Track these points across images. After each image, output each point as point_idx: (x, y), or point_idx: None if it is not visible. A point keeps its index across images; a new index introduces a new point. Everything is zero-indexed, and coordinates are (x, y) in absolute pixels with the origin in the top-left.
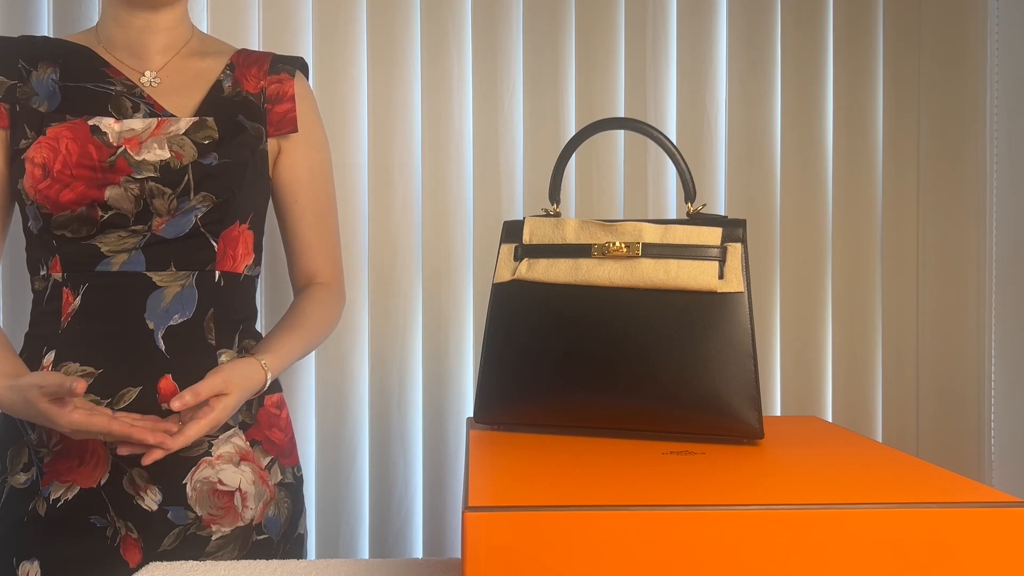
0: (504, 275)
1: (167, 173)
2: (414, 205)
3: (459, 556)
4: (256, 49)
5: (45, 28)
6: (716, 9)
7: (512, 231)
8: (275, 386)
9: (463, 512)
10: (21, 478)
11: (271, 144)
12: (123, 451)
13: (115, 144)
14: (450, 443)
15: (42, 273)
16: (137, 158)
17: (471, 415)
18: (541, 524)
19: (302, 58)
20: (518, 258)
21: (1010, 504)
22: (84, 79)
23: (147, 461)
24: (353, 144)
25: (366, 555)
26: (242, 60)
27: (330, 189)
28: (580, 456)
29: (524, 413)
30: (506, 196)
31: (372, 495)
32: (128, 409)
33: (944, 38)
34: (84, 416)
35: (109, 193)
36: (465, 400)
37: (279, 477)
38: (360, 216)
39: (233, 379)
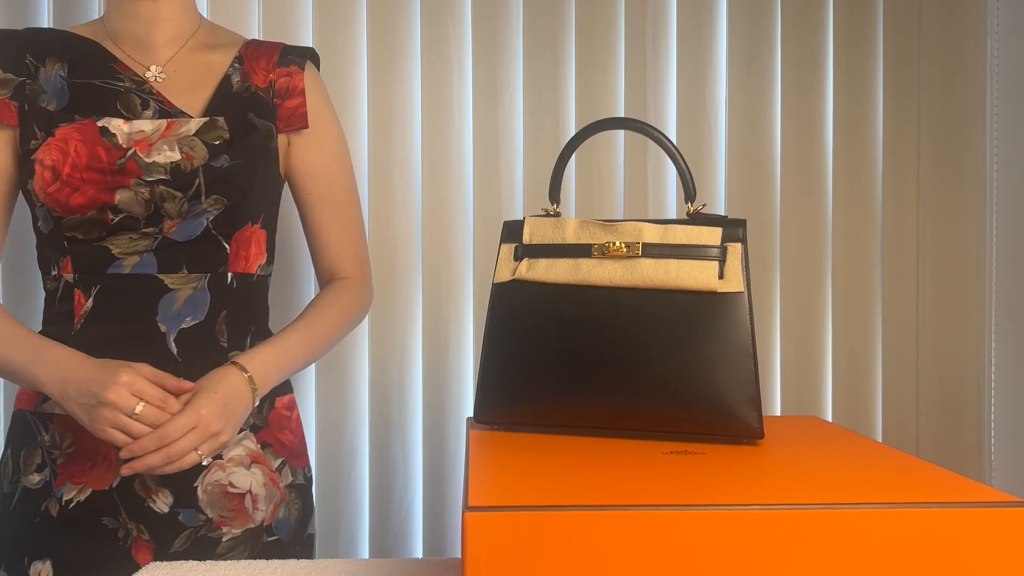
0: (504, 275)
1: (178, 175)
2: (414, 205)
3: (459, 556)
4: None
5: (46, 23)
6: (716, 9)
7: (512, 231)
8: (286, 387)
9: (463, 512)
10: (34, 479)
11: (280, 140)
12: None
13: (124, 146)
14: (450, 443)
15: (53, 273)
16: (147, 160)
17: (471, 415)
18: (541, 524)
19: (312, 49)
20: (518, 258)
21: (1010, 504)
22: (92, 75)
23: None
24: (353, 143)
25: (366, 555)
26: (251, 52)
27: (347, 180)
28: (580, 456)
29: (524, 413)
30: (506, 196)
31: (372, 495)
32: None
33: (944, 38)
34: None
35: (119, 197)
36: (465, 400)
37: (289, 479)
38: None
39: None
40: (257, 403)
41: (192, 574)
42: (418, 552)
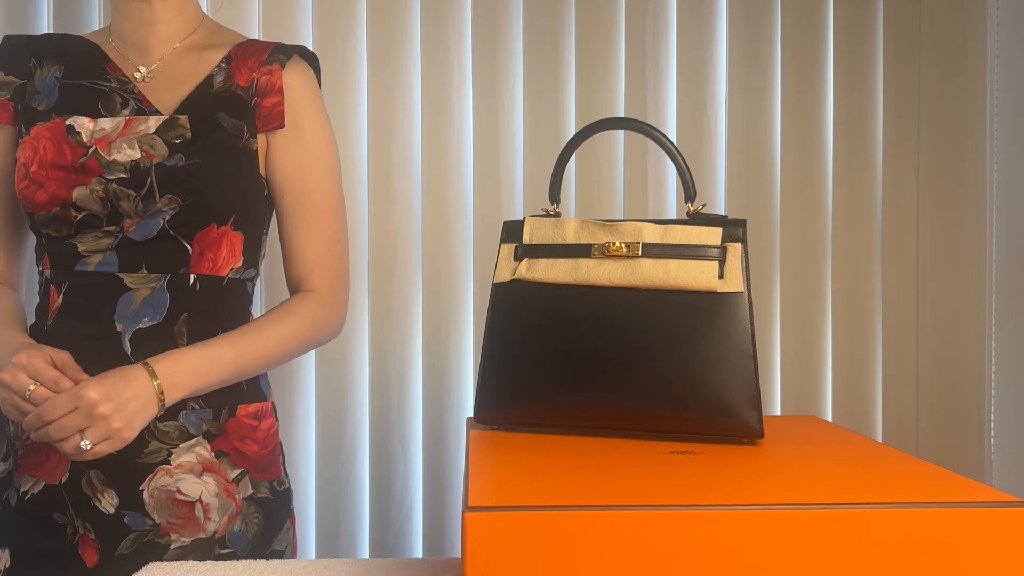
0: (504, 275)
1: (136, 174)
2: (414, 205)
3: (459, 556)
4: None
5: (45, 28)
6: (716, 9)
7: (512, 231)
8: (257, 395)
9: (463, 512)
10: (0, 468)
11: (260, 140)
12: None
13: (88, 144)
14: (450, 443)
15: (39, 269)
16: (108, 158)
17: (471, 415)
18: (541, 524)
19: (302, 46)
20: (518, 258)
21: (1010, 504)
22: (84, 76)
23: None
24: (353, 144)
25: (366, 555)
26: (241, 52)
27: (328, 185)
28: (580, 456)
29: (524, 413)
30: (506, 196)
31: (372, 495)
32: (37, 393)
33: (944, 39)
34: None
35: (76, 194)
36: (465, 400)
37: (249, 491)
38: (360, 216)
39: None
40: (166, 403)
41: (192, 574)
42: (418, 552)
